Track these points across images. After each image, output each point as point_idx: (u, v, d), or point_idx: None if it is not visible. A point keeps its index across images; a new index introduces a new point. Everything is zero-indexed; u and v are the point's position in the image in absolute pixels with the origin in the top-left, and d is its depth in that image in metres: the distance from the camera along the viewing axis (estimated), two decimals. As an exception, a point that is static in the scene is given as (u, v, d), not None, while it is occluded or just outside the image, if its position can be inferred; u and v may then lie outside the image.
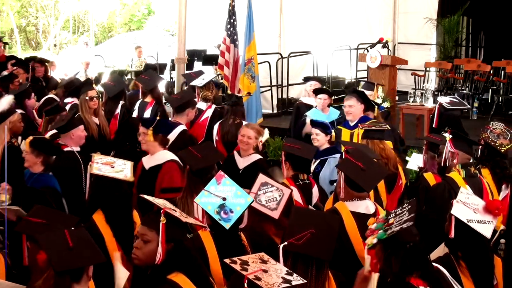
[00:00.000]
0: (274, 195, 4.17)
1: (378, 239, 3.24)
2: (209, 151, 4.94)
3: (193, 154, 4.72)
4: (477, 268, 3.62)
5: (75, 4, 28.52)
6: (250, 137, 6.05)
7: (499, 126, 5.65)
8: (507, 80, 12.25)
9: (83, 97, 6.77)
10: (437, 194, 4.85)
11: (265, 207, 4.10)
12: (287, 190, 4.25)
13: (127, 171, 4.36)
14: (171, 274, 3.16)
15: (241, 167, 6.03)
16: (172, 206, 3.41)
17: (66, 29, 29.37)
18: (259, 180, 4.25)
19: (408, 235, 3.21)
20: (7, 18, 28.54)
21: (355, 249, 3.89)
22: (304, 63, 13.59)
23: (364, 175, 4.10)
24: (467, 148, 5.09)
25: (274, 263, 2.90)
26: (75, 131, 5.76)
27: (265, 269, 2.81)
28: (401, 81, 13.47)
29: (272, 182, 4.26)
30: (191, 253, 3.29)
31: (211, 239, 3.75)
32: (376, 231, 3.29)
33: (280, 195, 4.18)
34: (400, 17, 14.93)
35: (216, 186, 3.82)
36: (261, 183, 4.23)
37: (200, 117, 7.34)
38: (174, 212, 3.32)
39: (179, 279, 3.15)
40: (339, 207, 4.09)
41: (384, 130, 5.77)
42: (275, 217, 4.07)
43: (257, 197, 4.15)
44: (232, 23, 10.49)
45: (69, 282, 3.00)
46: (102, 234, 4.07)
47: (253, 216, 4.15)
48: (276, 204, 4.12)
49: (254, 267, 2.80)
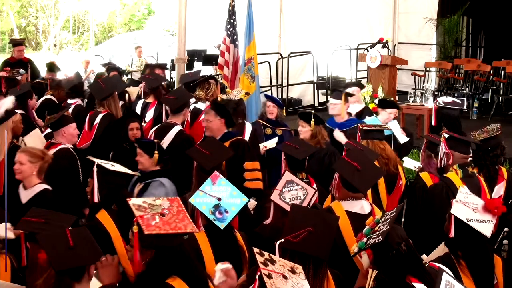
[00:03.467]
0: (298, 194, 4.21)
1: (358, 248, 3.22)
2: (217, 147, 4.95)
3: (202, 152, 4.73)
4: (477, 267, 3.62)
5: (75, 4, 28.55)
6: (22, 162, 4.80)
7: (492, 126, 5.66)
8: (507, 80, 12.25)
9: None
10: (435, 194, 4.85)
11: (288, 205, 4.11)
12: (311, 189, 4.29)
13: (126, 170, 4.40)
14: (168, 278, 3.13)
15: (24, 201, 4.80)
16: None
17: (66, 29, 29.40)
18: (285, 178, 4.28)
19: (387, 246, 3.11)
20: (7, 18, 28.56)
21: (348, 249, 3.88)
22: (304, 63, 13.59)
23: (360, 176, 4.09)
24: (462, 148, 5.03)
25: (303, 278, 2.80)
26: (67, 129, 5.74)
27: (286, 276, 2.75)
28: (403, 81, 13.49)
29: (297, 180, 4.30)
30: (188, 256, 3.25)
31: (206, 240, 3.74)
32: (363, 237, 3.26)
33: (304, 194, 4.22)
34: (400, 17, 14.94)
35: (211, 186, 3.82)
36: (287, 180, 4.26)
37: (199, 117, 7.31)
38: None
39: (176, 283, 3.13)
40: (334, 206, 4.10)
41: (383, 131, 5.77)
42: None
43: (282, 194, 4.18)
44: (232, 23, 10.50)
45: (70, 281, 3.00)
46: (109, 232, 4.08)
47: (277, 213, 4.18)
48: (299, 202, 4.16)
49: (276, 268, 2.76)
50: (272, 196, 4.21)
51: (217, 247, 3.72)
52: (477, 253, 3.65)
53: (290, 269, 2.82)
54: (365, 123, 6.14)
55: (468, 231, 3.62)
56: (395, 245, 3.12)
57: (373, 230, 3.26)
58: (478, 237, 3.63)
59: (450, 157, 4.98)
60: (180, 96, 6.85)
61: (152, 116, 7.53)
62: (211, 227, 3.73)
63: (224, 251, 3.68)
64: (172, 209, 3.24)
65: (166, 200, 3.30)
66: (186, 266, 3.19)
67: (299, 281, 2.79)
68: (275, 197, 4.18)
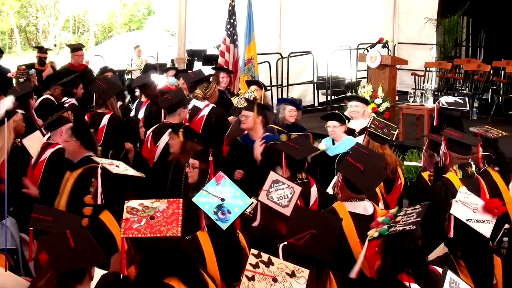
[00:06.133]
0: (285, 193, 4.18)
1: (379, 234, 3.27)
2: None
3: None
4: (477, 267, 3.62)
5: (75, 4, 28.57)
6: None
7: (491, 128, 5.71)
8: (507, 80, 12.24)
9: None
10: (434, 194, 4.85)
11: (276, 204, 4.10)
12: (298, 187, 4.27)
13: (131, 171, 4.38)
14: (166, 278, 3.13)
15: None
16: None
17: (66, 29, 29.41)
18: (271, 178, 4.26)
19: (410, 237, 3.22)
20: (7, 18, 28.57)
21: (352, 250, 3.89)
22: (304, 63, 13.59)
23: (363, 177, 4.08)
24: (460, 149, 5.02)
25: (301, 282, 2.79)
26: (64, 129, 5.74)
27: (276, 279, 2.75)
28: (404, 81, 13.49)
29: (283, 179, 4.28)
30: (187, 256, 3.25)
31: (208, 240, 3.73)
32: (381, 225, 3.31)
33: (291, 193, 4.19)
34: (400, 17, 14.95)
35: (215, 187, 3.79)
36: (273, 180, 4.24)
37: (197, 115, 7.33)
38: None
39: (174, 283, 3.13)
40: (338, 207, 4.09)
41: (388, 139, 5.74)
42: (287, 214, 4.07)
43: (269, 194, 4.16)
44: (232, 23, 10.52)
45: (72, 283, 3.00)
46: (113, 233, 4.07)
47: (265, 214, 4.16)
48: (287, 201, 4.13)
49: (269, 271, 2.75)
50: (260, 197, 4.17)
51: (219, 247, 3.70)
52: (476, 253, 3.65)
53: (289, 272, 2.81)
54: (279, 139, 5.99)
55: (467, 231, 3.62)
56: (416, 240, 3.18)
57: (394, 220, 3.29)
58: (478, 237, 3.63)
59: (447, 158, 4.99)
60: (174, 96, 6.85)
61: (143, 115, 7.58)
62: (213, 227, 3.72)
63: (226, 252, 3.68)
64: (166, 212, 3.22)
65: (165, 202, 3.28)
66: (183, 266, 3.18)
67: (293, 285, 2.78)
68: (263, 197, 4.15)
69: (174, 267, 3.14)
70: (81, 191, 4.66)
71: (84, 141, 5.08)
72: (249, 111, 6.31)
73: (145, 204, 3.25)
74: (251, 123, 6.28)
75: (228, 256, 3.61)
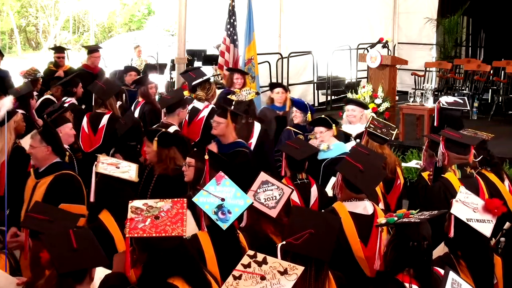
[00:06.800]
0: (274, 194, 4.15)
1: (387, 221, 3.35)
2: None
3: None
4: (477, 267, 3.63)
5: (75, 4, 28.57)
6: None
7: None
8: (507, 80, 12.24)
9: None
10: (433, 194, 4.84)
11: (263, 205, 4.08)
12: (288, 189, 4.23)
13: (132, 172, 4.38)
14: (170, 278, 3.13)
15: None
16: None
17: (66, 29, 29.41)
18: (260, 178, 4.23)
19: (414, 231, 3.24)
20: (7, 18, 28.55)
21: (352, 250, 3.88)
22: (304, 63, 13.59)
23: (363, 177, 4.08)
24: (458, 149, 5.00)
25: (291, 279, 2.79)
26: (63, 129, 5.72)
27: (265, 277, 2.76)
28: (404, 81, 13.50)
29: (273, 180, 4.24)
30: (191, 256, 3.25)
31: (209, 240, 3.73)
32: (393, 215, 3.40)
33: (280, 194, 4.16)
34: (400, 17, 14.95)
35: (216, 187, 3.78)
36: (262, 181, 4.21)
37: (197, 116, 7.33)
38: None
39: (178, 283, 3.13)
40: (337, 207, 4.08)
41: (387, 139, 5.74)
42: (273, 215, 4.06)
43: (256, 195, 4.13)
44: (232, 23, 10.52)
45: (72, 283, 3.00)
46: (112, 233, 4.07)
47: (252, 215, 4.13)
48: (275, 202, 4.10)
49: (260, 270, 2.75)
50: None
51: (220, 247, 3.70)
52: (477, 253, 3.66)
53: (282, 270, 2.82)
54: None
55: (468, 231, 3.63)
56: (420, 237, 3.21)
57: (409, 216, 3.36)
58: (478, 237, 3.64)
59: (446, 157, 4.99)
60: (173, 96, 6.85)
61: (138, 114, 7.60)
62: (214, 227, 3.72)
63: (226, 252, 3.67)
64: (171, 212, 3.22)
65: (170, 202, 3.28)
66: (187, 266, 3.18)
67: (281, 282, 2.79)
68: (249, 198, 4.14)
69: (179, 267, 3.14)
70: (55, 198, 4.54)
71: (54, 146, 4.91)
72: (221, 118, 6.15)
73: (149, 204, 3.26)
74: (223, 130, 6.14)
75: (228, 256, 3.61)
